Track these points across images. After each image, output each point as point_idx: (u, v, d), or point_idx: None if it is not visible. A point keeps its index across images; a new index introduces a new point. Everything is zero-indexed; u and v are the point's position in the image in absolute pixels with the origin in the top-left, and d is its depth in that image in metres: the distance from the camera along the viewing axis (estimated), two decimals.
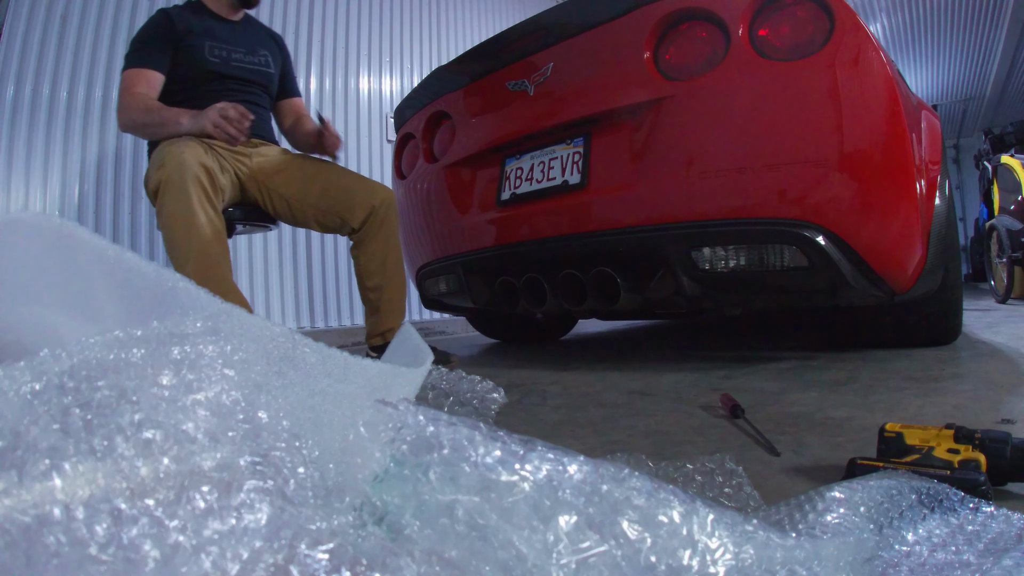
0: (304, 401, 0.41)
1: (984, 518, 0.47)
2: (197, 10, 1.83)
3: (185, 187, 1.49)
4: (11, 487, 0.28)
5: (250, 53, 1.88)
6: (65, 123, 2.55)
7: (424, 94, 2.01)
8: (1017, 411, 0.87)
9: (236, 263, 3.02)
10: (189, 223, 1.49)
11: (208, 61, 1.77)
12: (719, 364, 1.54)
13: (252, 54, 1.88)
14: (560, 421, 1.04)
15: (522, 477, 0.35)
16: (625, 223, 1.43)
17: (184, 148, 1.53)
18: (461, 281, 1.89)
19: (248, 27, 1.93)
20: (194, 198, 1.50)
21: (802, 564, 0.37)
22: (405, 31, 3.98)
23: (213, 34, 1.80)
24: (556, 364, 1.78)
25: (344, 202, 1.81)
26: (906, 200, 1.27)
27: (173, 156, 1.51)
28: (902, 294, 1.35)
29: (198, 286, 0.47)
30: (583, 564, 0.32)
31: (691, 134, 1.34)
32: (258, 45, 1.91)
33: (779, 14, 1.31)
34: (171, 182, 1.50)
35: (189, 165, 1.51)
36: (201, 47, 1.77)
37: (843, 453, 0.73)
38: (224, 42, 1.82)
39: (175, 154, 1.52)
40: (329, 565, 0.30)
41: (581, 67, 1.54)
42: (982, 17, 5.79)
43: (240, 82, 1.84)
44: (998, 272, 3.77)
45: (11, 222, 0.47)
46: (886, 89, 1.24)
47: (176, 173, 1.50)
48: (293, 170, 1.84)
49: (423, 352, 0.78)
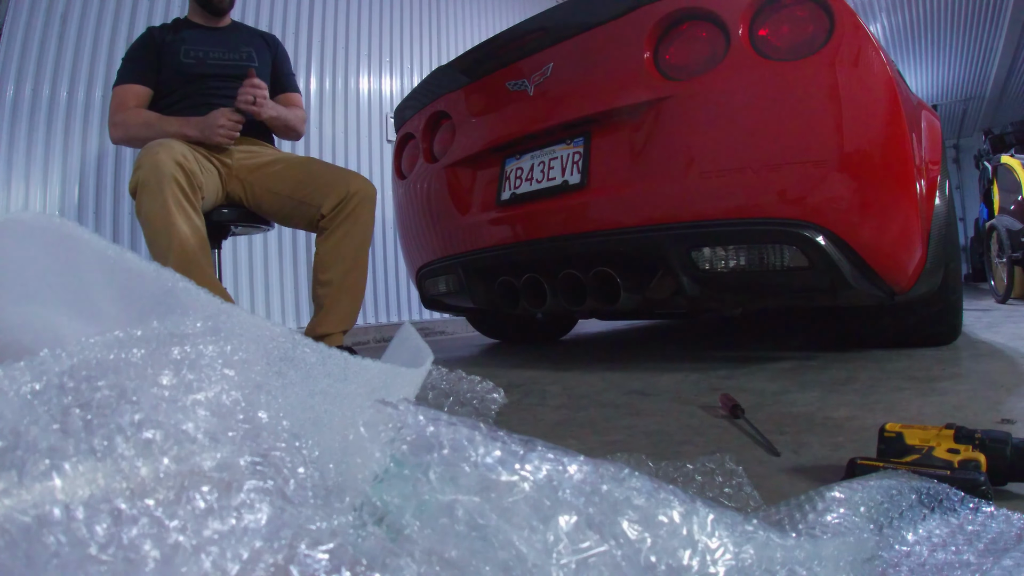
0: (304, 401, 0.41)
1: (984, 518, 0.47)
2: (180, 25, 1.90)
3: (161, 187, 1.50)
4: (11, 487, 0.28)
5: (230, 51, 1.89)
6: (65, 123, 2.55)
7: (424, 94, 2.01)
8: (1017, 411, 0.87)
9: (236, 263, 3.02)
10: (167, 223, 1.50)
11: (182, 63, 1.80)
12: (719, 364, 1.54)
13: (232, 52, 1.89)
14: (560, 421, 1.04)
15: (522, 477, 0.35)
16: (625, 223, 1.43)
17: (160, 149, 1.54)
18: (461, 281, 1.89)
19: (233, 31, 1.96)
20: (170, 198, 1.50)
21: (802, 564, 0.37)
22: (405, 31, 3.98)
23: (191, 39, 1.85)
24: (556, 364, 1.78)
25: (319, 189, 1.75)
26: (906, 200, 1.27)
27: (149, 157, 1.53)
28: (902, 294, 1.35)
29: (198, 286, 0.47)
30: (583, 564, 0.32)
31: (691, 134, 1.34)
32: (241, 44, 1.92)
33: (779, 14, 1.31)
34: (147, 183, 1.51)
35: (164, 165, 1.51)
36: (176, 52, 1.81)
37: (843, 453, 0.73)
38: (201, 44, 1.85)
39: (151, 155, 1.53)
40: (329, 565, 0.30)
41: (581, 67, 1.54)
42: (982, 17, 5.79)
43: (220, 79, 1.84)
44: (998, 272, 3.77)
45: (11, 222, 0.47)
46: (886, 89, 1.24)
47: (152, 174, 1.51)
48: (275, 164, 1.83)
49: (423, 352, 0.78)
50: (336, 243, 1.72)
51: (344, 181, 1.74)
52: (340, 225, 1.72)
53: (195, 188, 1.58)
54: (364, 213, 1.74)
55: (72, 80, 2.57)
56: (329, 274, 1.71)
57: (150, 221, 1.51)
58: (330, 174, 1.78)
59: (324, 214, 1.72)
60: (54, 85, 2.53)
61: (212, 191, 1.74)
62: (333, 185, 1.73)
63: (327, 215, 1.72)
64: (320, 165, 1.84)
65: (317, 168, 1.81)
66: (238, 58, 1.89)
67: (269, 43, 2.02)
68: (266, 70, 1.96)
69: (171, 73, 1.80)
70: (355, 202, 1.72)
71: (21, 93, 2.45)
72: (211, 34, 1.89)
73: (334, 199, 1.72)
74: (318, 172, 1.79)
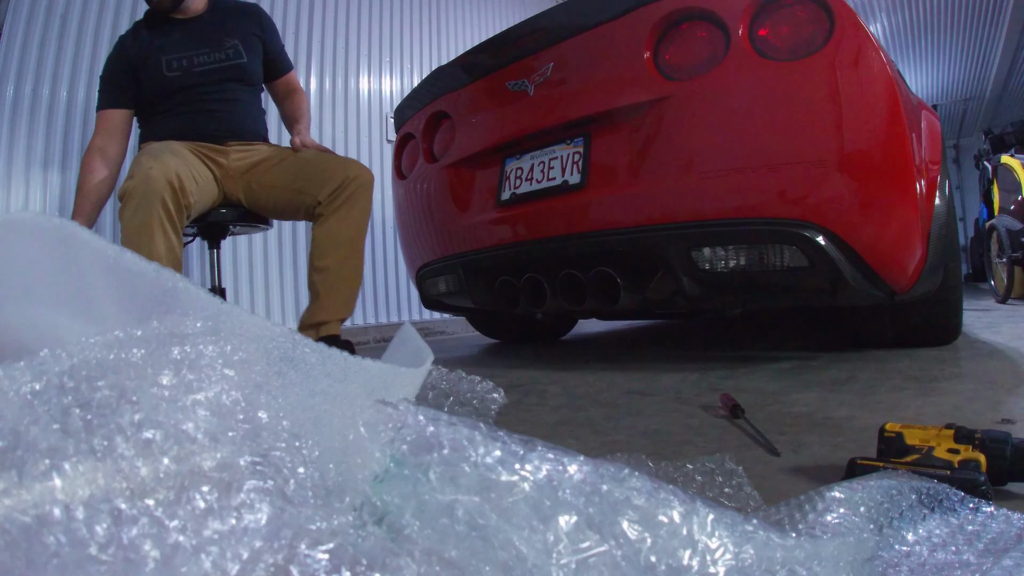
0: (304, 401, 0.41)
1: (984, 518, 0.47)
2: (152, 23, 1.78)
3: (148, 203, 1.47)
4: (11, 487, 0.28)
5: (215, 49, 1.78)
6: (65, 123, 2.55)
7: (424, 94, 2.01)
8: (1017, 411, 0.87)
9: (236, 263, 3.02)
10: (146, 239, 1.47)
11: (167, 78, 1.73)
12: (719, 364, 1.54)
13: (217, 49, 1.79)
14: (560, 421, 1.04)
15: (522, 477, 0.35)
16: (625, 223, 1.43)
17: (154, 164, 1.50)
18: (461, 281, 1.89)
19: (212, 18, 1.82)
20: (154, 216, 1.48)
21: (802, 564, 0.37)
22: (405, 31, 3.98)
23: (169, 45, 1.74)
24: (556, 364, 1.78)
25: (316, 177, 1.71)
26: (906, 200, 1.27)
27: (142, 171, 1.50)
28: (902, 294, 1.35)
29: (198, 287, 0.47)
30: (583, 564, 0.32)
31: (691, 134, 1.34)
32: (224, 36, 1.80)
33: (779, 14, 1.31)
34: (134, 195, 1.48)
35: (155, 183, 1.48)
36: (158, 65, 1.72)
37: (843, 453, 0.73)
38: (182, 48, 1.75)
39: (143, 169, 1.50)
40: (329, 565, 0.30)
41: (581, 67, 1.54)
42: (982, 17, 5.79)
43: (210, 84, 1.77)
44: (998, 272, 3.77)
45: (11, 222, 0.47)
46: (886, 89, 1.24)
47: (141, 188, 1.47)
48: (271, 160, 1.80)
49: (423, 352, 0.78)
50: (332, 227, 1.68)
51: (342, 167, 1.71)
52: (337, 210, 1.68)
53: (181, 208, 1.55)
54: (362, 198, 1.71)
55: (72, 80, 2.57)
56: (326, 260, 1.67)
57: (129, 233, 1.49)
58: (327, 162, 1.75)
59: (321, 200, 1.69)
60: (54, 85, 2.53)
61: (208, 196, 1.72)
62: (331, 172, 1.70)
63: (323, 201, 1.69)
64: (316, 155, 1.80)
65: (314, 157, 1.78)
66: (224, 57, 1.79)
67: (254, 20, 1.89)
68: (257, 57, 1.87)
69: (156, 88, 1.74)
70: (352, 187, 1.69)
71: (21, 93, 2.45)
72: (189, 32, 1.77)
73: (332, 185, 1.69)
74: (315, 161, 1.76)
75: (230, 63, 1.79)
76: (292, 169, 1.77)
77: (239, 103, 1.83)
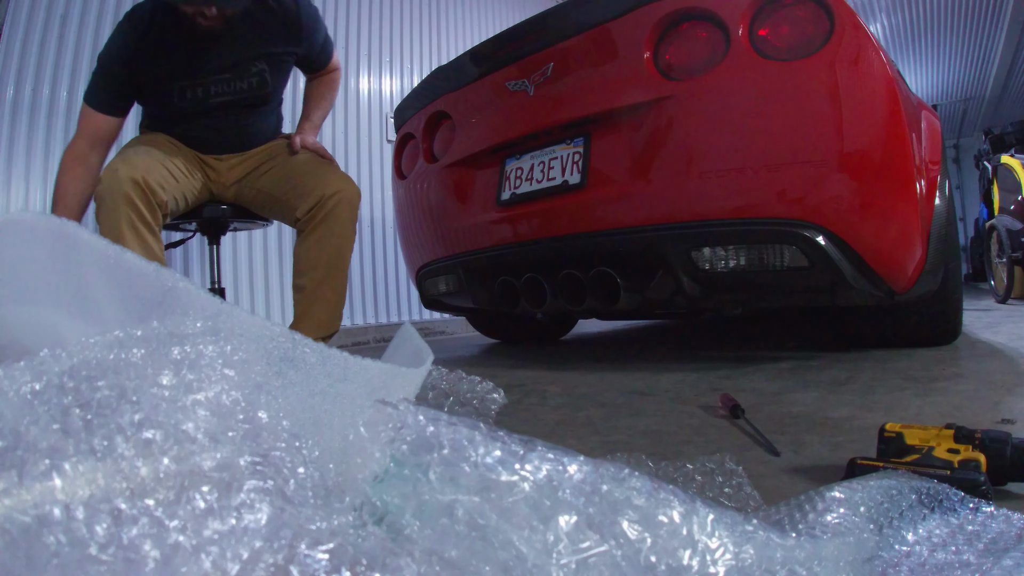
0: (304, 401, 0.41)
1: (984, 518, 0.47)
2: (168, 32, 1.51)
3: (115, 206, 1.42)
4: (11, 487, 0.28)
5: (237, 76, 1.60)
6: (65, 123, 2.55)
7: (424, 94, 2.01)
8: (1017, 411, 0.87)
9: (235, 262, 3.02)
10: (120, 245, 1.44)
11: (177, 108, 1.60)
12: (719, 364, 1.54)
13: (240, 77, 1.60)
14: (560, 421, 1.04)
15: (522, 477, 0.35)
16: (625, 223, 1.43)
17: (120, 165, 1.44)
18: (461, 281, 1.89)
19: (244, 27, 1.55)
20: (123, 219, 1.42)
21: (802, 564, 0.37)
22: (405, 31, 3.98)
23: (182, 69, 1.55)
24: (556, 364, 1.78)
25: (296, 190, 1.63)
26: (906, 200, 1.27)
27: (109, 172, 1.44)
28: (902, 294, 1.35)
29: (198, 287, 0.47)
30: (583, 564, 0.32)
31: (691, 134, 1.34)
32: (252, 60, 1.60)
33: (779, 14, 1.31)
34: (103, 199, 1.43)
35: (120, 183, 1.41)
36: (170, 92, 1.57)
37: (843, 453, 0.73)
38: (198, 74, 1.56)
39: (111, 169, 1.44)
40: (329, 565, 0.30)
41: (581, 67, 1.54)
42: (982, 17, 5.79)
43: (224, 110, 1.64)
44: (998, 272, 3.77)
45: (11, 222, 0.47)
46: (886, 89, 1.24)
47: (107, 191, 1.42)
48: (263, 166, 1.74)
49: (423, 352, 0.78)
50: (310, 248, 1.62)
51: (321, 183, 1.60)
52: (315, 229, 1.61)
53: (154, 208, 1.47)
54: (343, 216, 1.61)
55: (72, 80, 2.57)
56: (302, 280, 1.62)
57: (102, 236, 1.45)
58: (310, 175, 1.65)
59: (299, 217, 1.63)
60: (54, 85, 2.53)
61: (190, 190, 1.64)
62: (310, 187, 1.62)
63: (301, 218, 1.62)
64: (306, 163, 1.69)
65: (302, 165, 1.68)
66: (247, 87, 1.62)
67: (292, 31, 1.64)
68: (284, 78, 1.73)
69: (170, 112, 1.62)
70: (331, 204, 1.59)
71: (21, 93, 2.45)
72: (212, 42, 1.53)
73: (310, 202, 1.61)
74: (302, 170, 1.67)
75: (252, 93, 1.64)
76: (280, 175, 1.69)
77: (252, 125, 1.73)
